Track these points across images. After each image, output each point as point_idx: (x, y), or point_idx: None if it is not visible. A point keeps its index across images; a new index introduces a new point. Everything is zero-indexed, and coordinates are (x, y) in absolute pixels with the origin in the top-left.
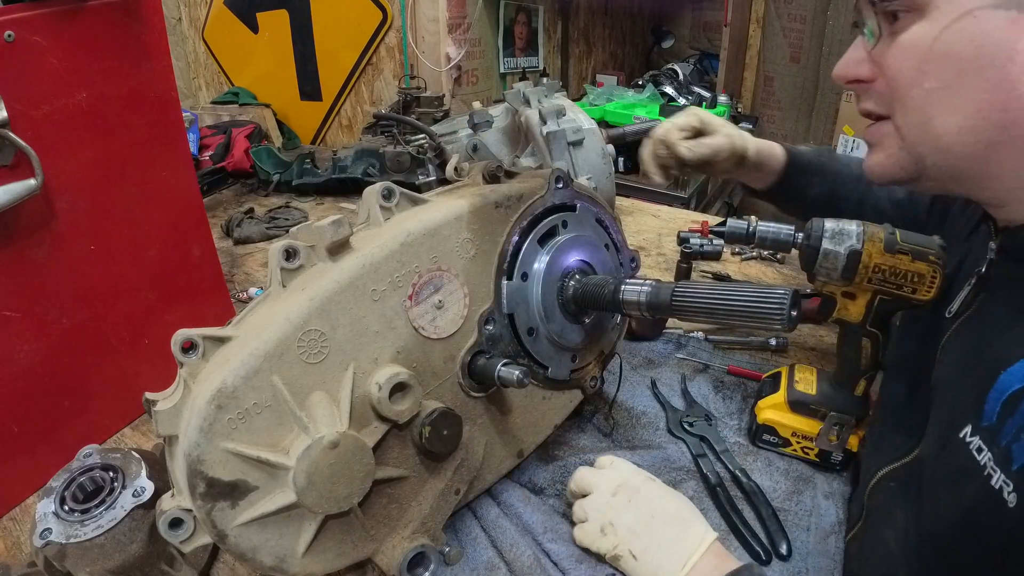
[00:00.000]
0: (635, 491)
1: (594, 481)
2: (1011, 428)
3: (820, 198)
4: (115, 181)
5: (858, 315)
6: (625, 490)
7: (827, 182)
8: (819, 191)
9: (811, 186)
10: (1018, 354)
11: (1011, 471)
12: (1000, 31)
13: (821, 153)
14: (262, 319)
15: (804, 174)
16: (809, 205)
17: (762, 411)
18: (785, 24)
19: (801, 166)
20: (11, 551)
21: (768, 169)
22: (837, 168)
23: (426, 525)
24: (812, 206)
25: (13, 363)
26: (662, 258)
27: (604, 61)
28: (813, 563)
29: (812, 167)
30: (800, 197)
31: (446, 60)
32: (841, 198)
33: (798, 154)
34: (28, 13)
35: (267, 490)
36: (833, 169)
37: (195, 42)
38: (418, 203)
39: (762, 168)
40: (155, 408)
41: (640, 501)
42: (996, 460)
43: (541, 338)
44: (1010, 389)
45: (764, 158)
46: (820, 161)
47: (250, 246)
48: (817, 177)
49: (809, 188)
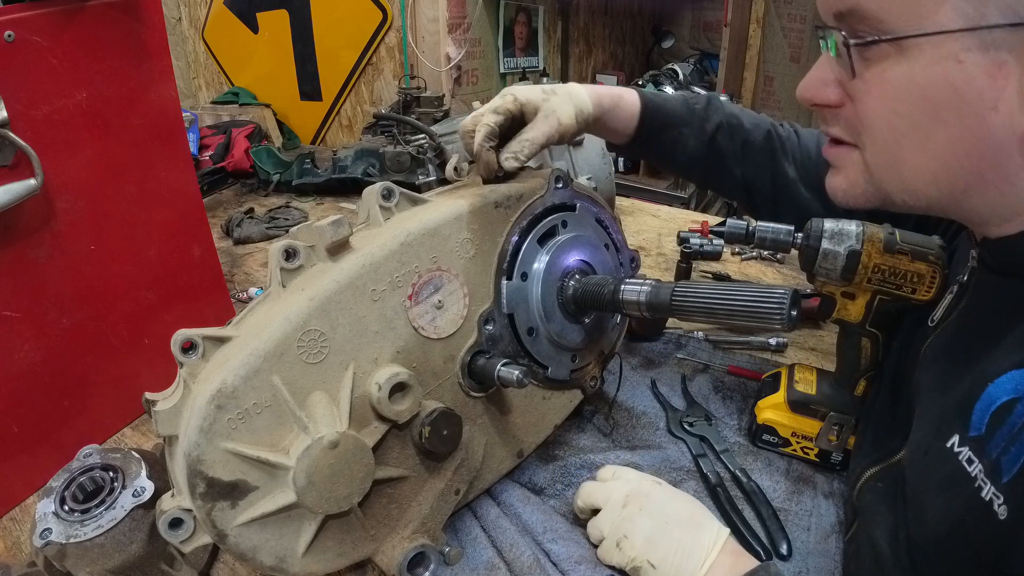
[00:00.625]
0: (646, 497)
1: (602, 496)
2: (1000, 440)
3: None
4: (115, 181)
5: (858, 315)
6: (635, 499)
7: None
8: (696, 144)
9: (685, 139)
10: (1004, 366)
11: (1001, 483)
12: (984, 77)
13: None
14: (262, 319)
15: (670, 127)
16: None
17: (762, 411)
18: (785, 24)
19: (663, 118)
20: (11, 551)
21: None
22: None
23: (426, 525)
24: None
25: (13, 363)
26: (662, 258)
27: (604, 61)
28: (813, 563)
29: (679, 118)
30: (670, 153)
31: (446, 60)
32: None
33: (656, 104)
34: (28, 13)
35: (267, 490)
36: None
37: (195, 42)
38: (418, 203)
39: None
40: (155, 408)
41: (652, 508)
42: (986, 472)
43: (541, 338)
44: (998, 401)
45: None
46: (690, 109)
47: (250, 246)
48: (689, 129)
49: (681, 142)
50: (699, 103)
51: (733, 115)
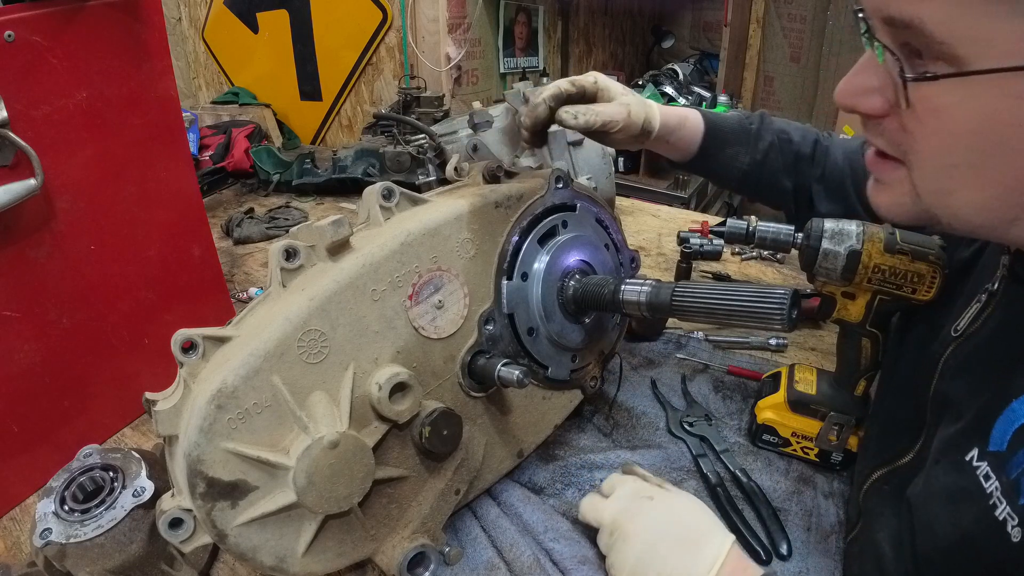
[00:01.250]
0: (635, 519)
1: (593, 518)
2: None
3: (751, 170)
4: (115, 181)
5: (858, 315)
6: (622, 524)
7: (758, 152)
8: (748, 162)
9: (738, 156)
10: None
11: (1018, 505)
12: None
13: (749, 119)
14: (262, 319)
15: (727, 145)
16: (741, 179)
17: (762, 411)
18: (785, 24)
19: (722, 137)
20: (11, 551)
21: (681, 142)
22: (769, 138)
23: (426, 525)
24: (745, 180)
25: (13, 363)
26: (662, 258)
27: (604, 61)
28: (813, 563)
29: (736, 136)
30: (726, 171)
31: (446, 60)
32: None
33: (718, 123)
34: (28, 13)
35: (267, 490)
36: (764, 139)
37: (195, 42)
38: (418, 203)
39: (671, 141)
40: (155, 408)
41: (641, 532)
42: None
43: (541, 338)
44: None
45: (674, 131)
46: (745, 128)
47: (250, 246)
48: (744, 147)
49: (735, 160)
50: (753, 123)
51: (783, 131)
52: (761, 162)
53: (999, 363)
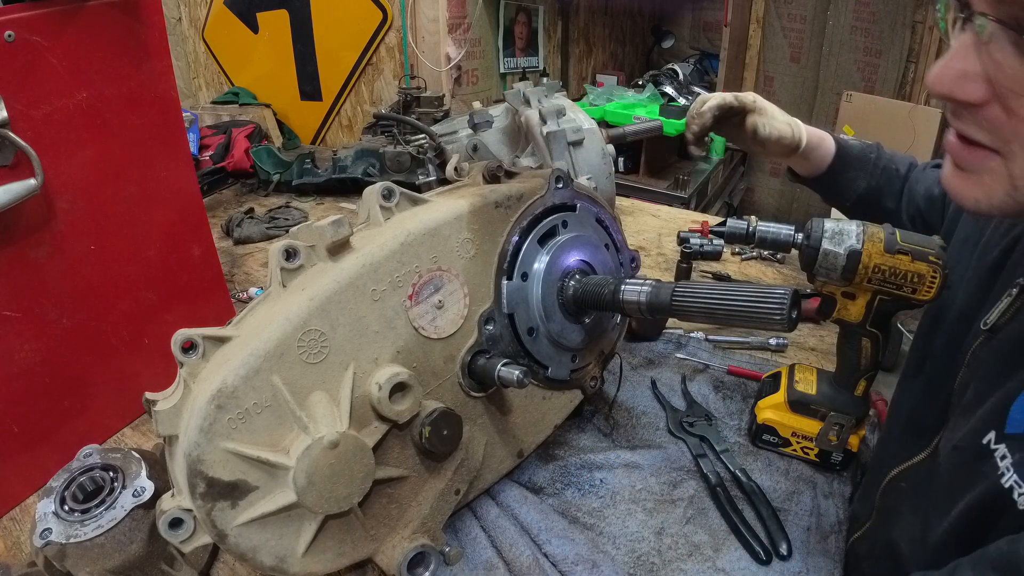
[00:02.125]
0: None
1: None
2: None
3: (866, 194)
4: (115, 181)
5: (858, 315)
6: None
7: (873, 178)
8: (865, 186)
9: (857, 180)
10: None
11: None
12: None
13: (869, 148)
14: (262, 319)
15: (850, 169)
16: (856, 200)
17: (762, 411)
18: (785, 24)
19: (848, 160)
20: (11, 551)
21: (816, 160)
22: (883, 164)
23: (426, 525)
24: (859, 201)
25: (13, 363)
26: (662, 258)
27: (604, 61)
28: (813, 563)
29: (859, 162)
30: (845, 191)
31: (446, 60)
32: (886, 195)
33: (846, 148)
34: (28, 13)
35: (267, 490)
36: (880, 165)
37: (195, 42)
38: (418, 203)
39: (810, 158)
40: (155, 408)
41: None
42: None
43: (541, 338)
44: None
45: (813, 148)
46: (867, 156)
47: (250, 246)
48: (863, 172)
49: (855, 182)
50: (872, 152)
51: (892, 159)
52: (874, 188)
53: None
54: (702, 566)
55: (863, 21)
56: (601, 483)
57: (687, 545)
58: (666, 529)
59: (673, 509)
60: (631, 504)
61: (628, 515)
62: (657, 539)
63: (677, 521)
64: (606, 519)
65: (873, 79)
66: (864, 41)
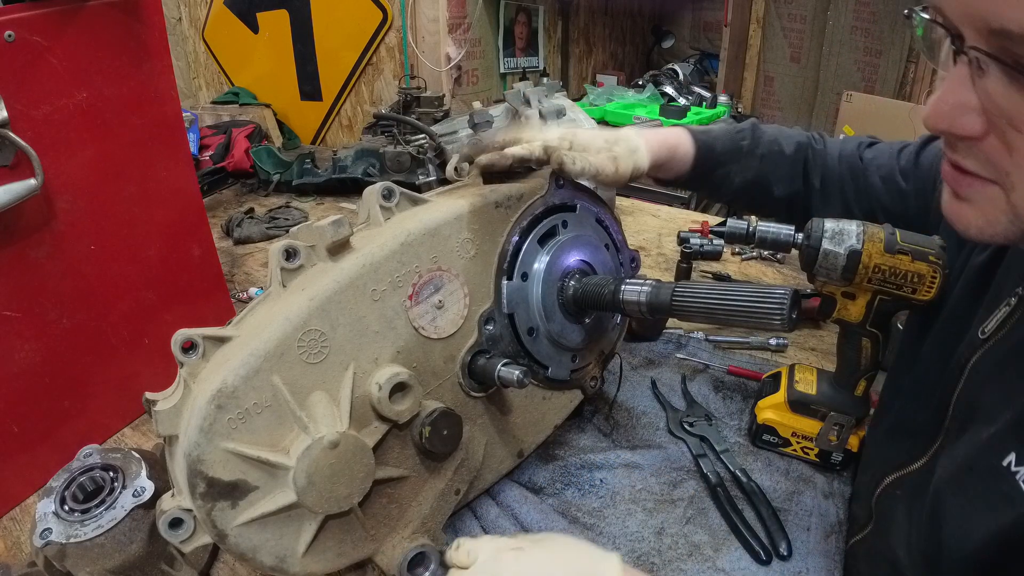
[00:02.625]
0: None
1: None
2: None
3: (743, 187)
4: (115, 181)
5: (858, 315)
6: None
7: (749, 170)
8: (740, 181)
9: (731, 175)
10: None
11: None
12: None
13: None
14: (262, 319)
15: (719, 166)
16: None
17: (762, 411)
18: (785, 24)
19: (713, 159)
20: (11, 551)
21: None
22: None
23: (426, 525)
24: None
25: (13, 363)
26: (662, 258)
27: (604, 61)
28: (813, 563)
29: (728, 156)
30: (720, 188)
31: (446, 60)
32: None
33: (708, 147)
34: (28, 13)
35: (267, 490)
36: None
37: (195, 42)
38: (418, 203)
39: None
40: (155, 408)
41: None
42: None
43: (541, 338)
44: None
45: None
46: (737, 148)
47: (250, 246)
48: (736, 166)
49: (728, 178)
50: (745, 139)
51: (775, 141)
52: (752, 180)
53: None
54: (702, 566)
55: (863, 21)
56: (601, 483)
57: (687, 545)
58: (666, 529)
59: (673, 509)
60: (631, 504)
61: (628, 515)
62: (657, 539)
63: (677, 521)
64: (606, 519)
65: (873, 79)
66: (864, 41)
